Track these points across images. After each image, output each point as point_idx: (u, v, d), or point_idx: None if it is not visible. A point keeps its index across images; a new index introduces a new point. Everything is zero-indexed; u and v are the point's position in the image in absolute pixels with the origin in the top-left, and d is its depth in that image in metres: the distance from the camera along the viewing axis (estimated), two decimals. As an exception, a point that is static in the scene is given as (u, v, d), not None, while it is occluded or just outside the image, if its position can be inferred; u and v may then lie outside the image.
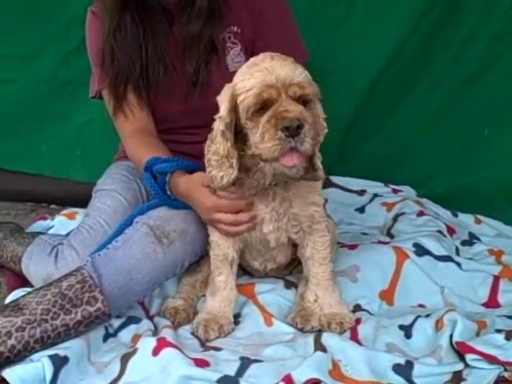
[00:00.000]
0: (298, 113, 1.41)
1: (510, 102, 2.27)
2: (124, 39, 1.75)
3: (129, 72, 1.77)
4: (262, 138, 1.42)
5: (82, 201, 1.99)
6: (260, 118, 1.43)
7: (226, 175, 1.49)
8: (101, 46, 1.78)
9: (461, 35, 2.27)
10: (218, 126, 1.50)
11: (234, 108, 1.47)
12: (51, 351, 1.49)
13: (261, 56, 1.50)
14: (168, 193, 1.69)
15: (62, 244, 1.78)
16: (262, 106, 1.42)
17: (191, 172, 1.67)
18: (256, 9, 1.79)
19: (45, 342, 1.51)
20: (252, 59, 1.51)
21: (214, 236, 1.66)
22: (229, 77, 1.79)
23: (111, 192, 1.85)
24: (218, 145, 1.49)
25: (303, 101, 1.45)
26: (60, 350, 1.50)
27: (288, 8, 1.86)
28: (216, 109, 1.83)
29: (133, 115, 1.80)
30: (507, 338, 1.55)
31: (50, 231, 2.10)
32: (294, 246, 1.73)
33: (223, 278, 1.68)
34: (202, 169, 1.64)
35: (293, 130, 1.39)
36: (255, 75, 1.44)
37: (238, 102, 1.46)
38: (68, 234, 1.87)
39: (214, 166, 1.51)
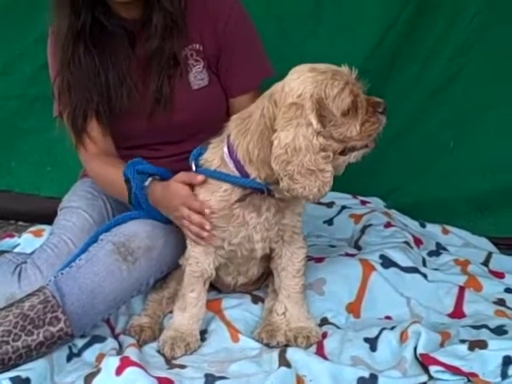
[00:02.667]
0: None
1: (474, 114, 2.31)
2: (79, 70, 1.73)
3: (87, 104, 1.75)
4: (362, 127, 1.52)
5: (52, 217, 1.98)
6: (354, 112, 1.52)
7: (325, 186, 1.49)
8: (56, 79, 1.77)
9: (425, 49, 2.30)
10: (310, 139, 1.47)
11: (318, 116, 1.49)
12: (12, 373, 1.48)
13: (306, 65, 1.54)
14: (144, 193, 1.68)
15: (25, 263, 1.76)
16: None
17: None
18: (219, 26, 1.79)
19: (6, 364, 1.50)
20: (306, 68, 1.53)
21: (195, 252, 1.65)
22: (192, 94, 1.82)
23: (76, 209, 1.83)
24: (307, 158, 1.47)
25: None
26: (22, 371, 1.48)
27: (251, 24, 1.87)
28: (181, 126, 1.84)
29: (93, 143, 1.80)
30: (470, 349, 1.56)
31: (16, 249, 2.09)
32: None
33: (195, 295, 1.67)
34: None
35: (386, 110, 1.55)
36: (336, 78, 1.50)
37: (332, 105, 1.49)
38: (33, 253, 1.86)
39: (304, 181, 1.48)
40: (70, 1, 1.68)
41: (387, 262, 1.87)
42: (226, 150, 1.59)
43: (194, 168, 1.64)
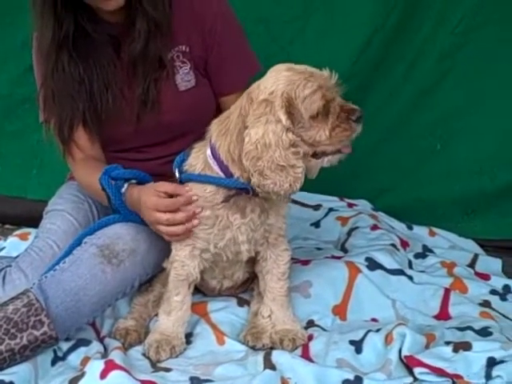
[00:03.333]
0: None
1: (461, 116, 2.31)
2: (64, 80, 1.72)
3: (72, 113, 1.74)
4: (332, 132, 1.51)
5: (39, 220, 1.97)
6: (324, 116, 1.50)
7: (296, 182, 1.49)
8: (40, 90, 1.76)
9: (412, 51, 2.31)
10: (279, 135, 1.47)
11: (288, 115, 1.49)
12: (-4, 377, 1.47)
13: (285, 65, 1.54)
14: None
15: (10, 266, 1.75)
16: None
17: None
18: (206, 27, 1.79)
19: (-11, 368, 1.49)
20: (283, 67, 1.52)
21: (180, 256, 1.64)
22: (179, 95, 1.81)
23: (61, 212, 1.83)
24: (276, 154, 1.47)
25: None
26: (5, 375, 1.47)
27: (237, 23, 1.87)
28: (168, 127, 1.84)
29: (81, 151, 1.79)
30: (455, 351, 1.57)
31: (2, 252, 2.08)
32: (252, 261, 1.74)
33: (180, 299, 1.66)
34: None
35: (361, 118, 1.52)
36: (310, 79, 1.49)
37: (301, 106, 1.49)
38: (18, 256, 1.84)
39: (274, 177, 1.48)
40: (52, 10, 1.67)
41: (373, 265, 1.88)
42: (209, 152, 1.59)
43: (177, 175, 1.63)
